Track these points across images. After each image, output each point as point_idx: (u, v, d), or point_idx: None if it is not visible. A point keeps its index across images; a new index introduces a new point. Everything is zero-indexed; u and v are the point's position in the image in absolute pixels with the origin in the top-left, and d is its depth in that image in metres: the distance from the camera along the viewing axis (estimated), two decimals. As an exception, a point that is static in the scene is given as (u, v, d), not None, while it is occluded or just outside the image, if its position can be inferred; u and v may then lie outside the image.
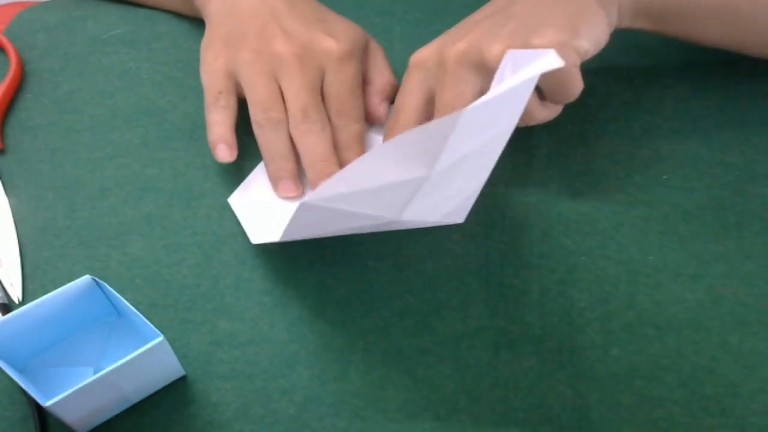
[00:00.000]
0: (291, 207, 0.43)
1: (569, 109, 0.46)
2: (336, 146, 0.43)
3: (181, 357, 0.37)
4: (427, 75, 0.43)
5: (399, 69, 0.47)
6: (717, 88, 0.50)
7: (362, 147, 0.44)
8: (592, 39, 0.41)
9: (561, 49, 0.38)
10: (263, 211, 0.43)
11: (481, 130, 0.34)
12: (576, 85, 0.41)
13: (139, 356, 0.32)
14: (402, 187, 0.34)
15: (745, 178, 0.45)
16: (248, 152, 0.47)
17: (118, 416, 0.35)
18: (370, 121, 0.46)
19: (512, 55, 0.35)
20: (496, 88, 0.31)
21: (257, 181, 0.45)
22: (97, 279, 0.35)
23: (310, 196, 0.33)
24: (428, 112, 0.43)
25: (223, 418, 0.35)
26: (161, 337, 0.32)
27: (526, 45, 0.39)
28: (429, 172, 0.34)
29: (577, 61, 0.40)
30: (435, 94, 0.42)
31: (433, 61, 0.42)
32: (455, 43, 0.42)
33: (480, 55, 0.40)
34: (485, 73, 0.40)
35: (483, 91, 0.41)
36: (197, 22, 0.58)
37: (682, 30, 0.46)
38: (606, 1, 0.42)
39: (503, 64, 0.36)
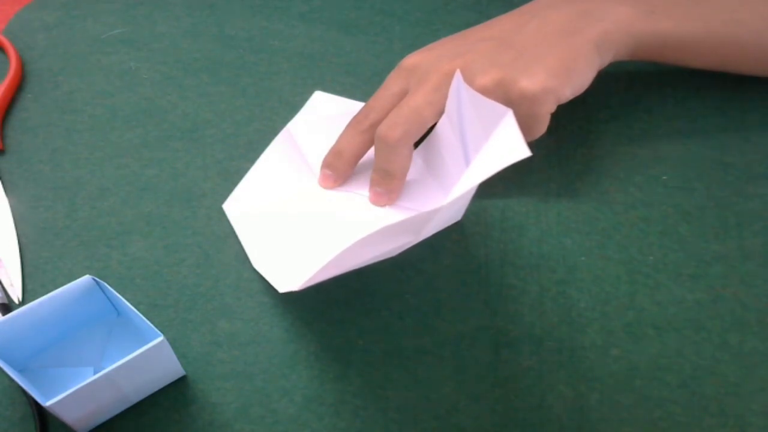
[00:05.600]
0: (285, 221, 0.42)
1: (569, 109, 0.46)
2: None
3: (181, 357, 0.37)
4: (410, 79, 0.43)
5: (399, 69, 0.47)
6: (717, 88, 0.50)
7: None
8: (578, 85, 0.42)
9: (545, 95, 0.40)
10: (261, 228, 0.42)
11: (457, 202, 0.36)
12: (541, 131, 0.42)
13: (139, 356, 0.32)
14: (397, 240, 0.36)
15: (745, 178, 0.45)
16: (248, 151, 0.47)
17: (118, 416, 0.35)
18: None
19: (469, 92, 0.36)
20: (467, 181, 0.32)
21: (252, 187, 0.45)
22: (97, 279, 0.35)
23: (304, 281, 0.35)
24: None
25: (223, 418, 0.35)
26: (161, 337, 0.32)
27: (515, 82, 0.40)
28: (417, 237, 0.37)
29: (554, 109, 0.41)
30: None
31: (423, 69, 0.42)
32: (452, 60, 0.42)
33: (469, 82, 0.41)
34: None
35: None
36: (197, 22, 0.58)
37: (681, 61, 0.47)
38: (603, 46, 0.43)
39: (455, 82, 0.38)
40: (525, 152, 0.30)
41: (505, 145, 0.32)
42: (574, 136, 0.48)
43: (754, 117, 0.49)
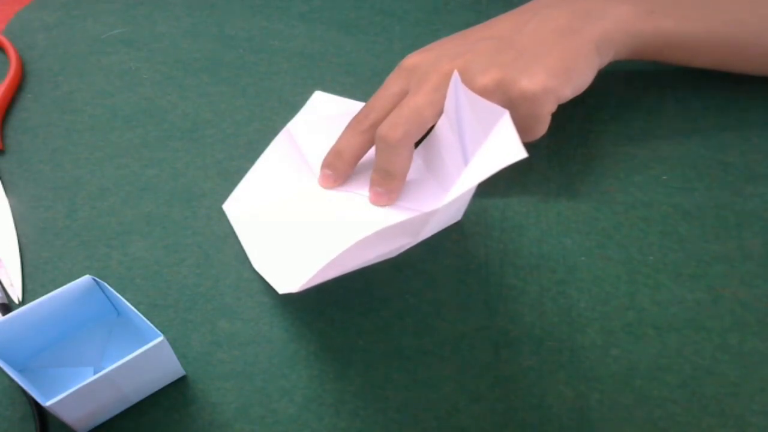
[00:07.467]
0: (285, 221, 0.42)
1: (569, 109, 0.46)
2: None
3: (181, 357, 0.37)
4: (410, 79, 0.43)
5: (399, 69, 0.47)
6: (717, 88, 0.50)
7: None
8: (578, 85, 0.42)
9: (545, 95, 0.40)
10: (261, 229, 0.42)
11: (456, 203, 0.36)
12: (542, 131, 0.42)
13: (139, 356, 0.32)
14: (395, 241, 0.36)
15: (745, 179, 0.45)
16: (248, 151, 0.47)
17: (118, 416, 0.35)
18: None
19: (467, 93, 0.36)
20: (464, 183, 0.32)
21: (252, 187, 0.45)
22: (97, 279, 0.35)
23: (302, 283, 0.35)
24: None
25: (223, 418, 0.35)
26: (161, 337, 0.32)
27: (515, 82, 0.40)
28: (416, 238, 0.36)
29: (554, 109, 0.41)
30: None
31: (423, 70, 0.42)
32: (452, 60, 0.42)
33: (469, 82, 0.41)
34: None
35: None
36: (197, 22, 0.58)
37: (681, 61, 0.47)
38: (603, 45, 0.43)
39: (453, 83, 0.38)
40: (521, 154, 0.30)
41: (502, 146, 0.32)
42: (574, 136, 0.48)
43: (754, 117, 0.49)
